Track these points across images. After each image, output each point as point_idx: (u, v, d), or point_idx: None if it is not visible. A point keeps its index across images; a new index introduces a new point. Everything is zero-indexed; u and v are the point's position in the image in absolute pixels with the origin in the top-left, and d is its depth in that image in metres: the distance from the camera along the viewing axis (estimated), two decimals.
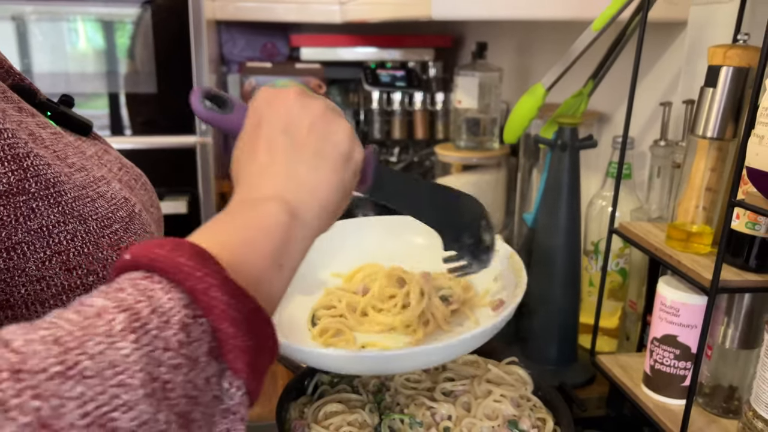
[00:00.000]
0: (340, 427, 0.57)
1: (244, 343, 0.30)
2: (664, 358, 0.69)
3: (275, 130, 0.41)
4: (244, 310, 0.30)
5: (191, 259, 0.30)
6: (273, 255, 0.35)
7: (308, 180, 0.40)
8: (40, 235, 0.37)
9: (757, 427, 0.57)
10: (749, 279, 0.61)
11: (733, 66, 0.61)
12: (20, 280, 0.36)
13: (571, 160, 0.82)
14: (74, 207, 0.39)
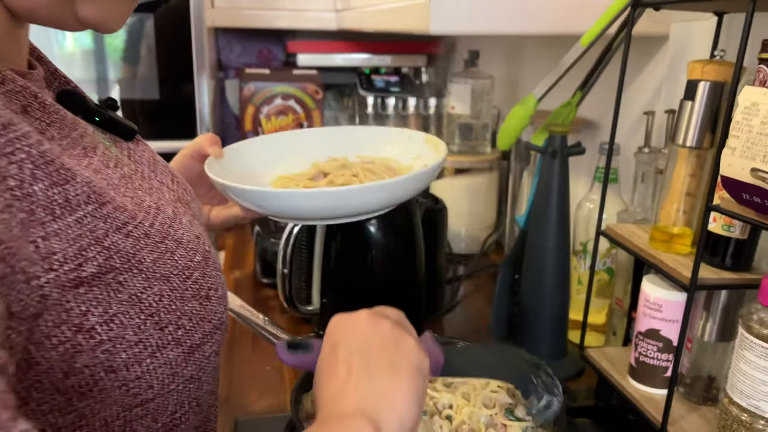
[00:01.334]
0: None
1: None
2: (648, 351, 0.74)
3: (351, 351, 0.45)
4: None
5: None
6: None
7: (386, 393, 0.43)
8: (132, 303, 0.40)
9: (732, 413, 0.62)
10: (725, 277, 0.66)
11: (710, 81, 0.67)
12: (121, 347, 0.39)
13: (561, 166, 0.87)
14: (155, 270, 0.42)
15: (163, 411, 0.44)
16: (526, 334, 0.93)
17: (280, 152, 0.79)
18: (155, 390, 0.42)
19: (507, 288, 0.98)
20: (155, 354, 0.41)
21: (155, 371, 0.42)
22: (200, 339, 0.45)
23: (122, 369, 0.40)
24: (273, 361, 0.93)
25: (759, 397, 0.59)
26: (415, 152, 0.79)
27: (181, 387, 0.44)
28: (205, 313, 0.45)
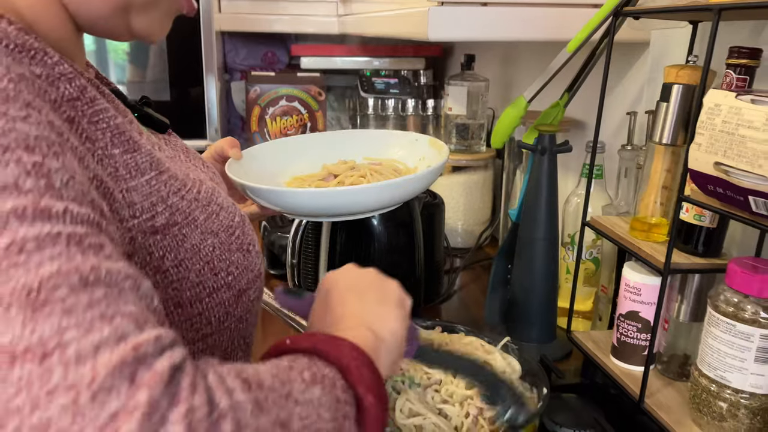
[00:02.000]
0: None
1: (378, 413, 0.41)
2: (629, 332, 0.80)
3: (342, 291, 0.53)
4: (380, 387, 0.42)
5: (346, 345, 0.41)
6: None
7: (378, 314, 0.50)
8: (194, 252, 0.49)
9: (702, 384, 0.69)
10: (696, 262, 0.73)
11: (683, 84, 0.73)
12: (186, 286, 0.48)
13: (550, 163, 0.93)
14: (207, 226, 0.51)
15: (219, 346, 0.52)
16: (518, 320, 1.00)
17: (292, 155, 0.87)
18: (213, 326, 0.50)
19: (501, 277, 1.05)
20: (212, 294, 0.50)
21: (212, 310, 0.50)
22: (246, 285, 0.53)
23: (187, 305, 0.48)
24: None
25: (724, 369, 0.66)
26: (420, 154, 0.86)
27: (233, 326, 0.53)
28: (248, 263, 0.54)
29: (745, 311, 0.64)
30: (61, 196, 0.33)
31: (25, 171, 0.33)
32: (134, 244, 0.44)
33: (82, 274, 0.31)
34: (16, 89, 0.36)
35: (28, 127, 0.34)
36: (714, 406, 0.67)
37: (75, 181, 0.35)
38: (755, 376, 0.64)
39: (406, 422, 0.64)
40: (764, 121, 0.54)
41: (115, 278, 0.32)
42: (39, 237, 0.31)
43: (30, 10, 0.45)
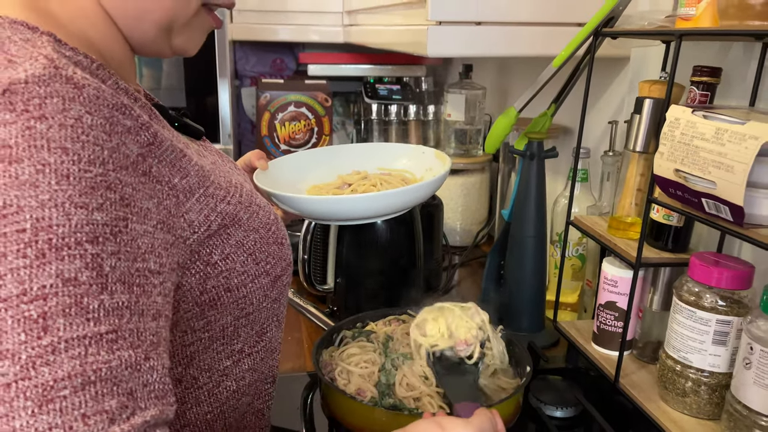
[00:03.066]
0: (358, 364, 0.77)
1: None
2: (607, 320, 0.89)
3: None
4: None
5: None
6: None
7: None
8: (238, 246, 0.58)
9: (668, 365, 0.78)
10: (665, 256, 0.82)
11: (654, 98, 0.82)
12: (233, 274, 0.57)
13: (538, 167, 1.02)
14: (249, 224, 0.59)
15: (257, 322, 0.62)
16: (510, 311, 1.08)
17: (311, 166, 0.97)
18: (254, 306, 0.60)
19: (494, 271, 1.13)
20: (254, 280, 0.59)
21: (254, 293, 0.60)
22: (280, 271, 0.63)
23: (234, 289, 0.58)
24: (294, 333, 1.09)
25: (687, 350, 0.75)
26: (427, 165, 0.96)
27: (269, 306, 0.62)
28: (282, 254, 0.63)
29: (704, 299, 0.73)
30: (106, 285, 0.43)
31: (85, 263, 0.42)
32: (192, 252, 0.54)
33: (87, 377, 0.40)
34: (104, 171, 0.44)
35: (98, 215, 0.43)
36: (678, 384, 0.76)
37: (123, 258, 0.44)
38: (713, 356, 0.73)
39: (405, 395, 0.73)
40: (713, 133, 0.63)
41: (116, 372, 0.42)
42: (70, 339, 0.40)
43: (100, 38, 0.55)
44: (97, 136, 0.45)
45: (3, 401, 0.38)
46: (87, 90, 0.45)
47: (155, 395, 0.44)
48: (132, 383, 0.42)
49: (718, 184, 0.62)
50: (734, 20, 0.67)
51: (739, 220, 0.62)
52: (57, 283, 0.41)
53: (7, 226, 0.40)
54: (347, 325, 0.88)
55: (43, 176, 0.41)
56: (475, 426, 0.59)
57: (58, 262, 0.41)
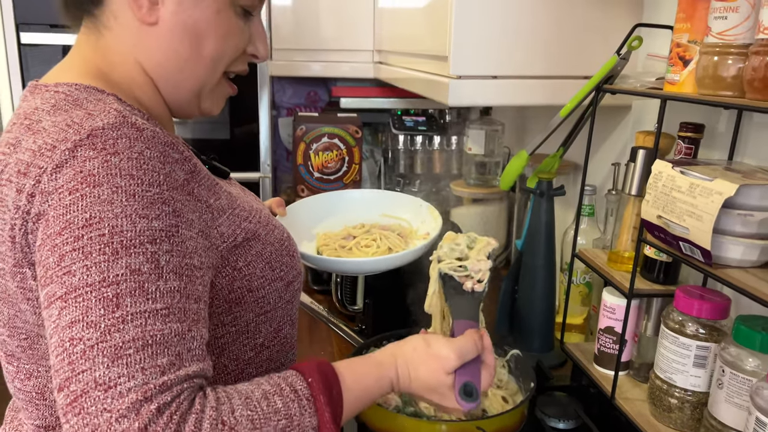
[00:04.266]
0: None
1: (321, 388, 0.62)
2: (606, 343, 1.00)
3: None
4: (322, 375, 0.63)
5: (328, 405, 0.61)
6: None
7: (416, 368, 0.72)
8: (258, 255, 0.72)
9: (656, 384, 0.88)
10: (655, 288, 0.93)
11: (646, 148, 0.94)
12: (254, 277, 0.72)
13: (548, 203, 1.14)
14: (267, 239, 0.74)
15: (274, 319, 0.76)
16: (522, 332, 1.20)
17: (324, 211, 1.13)
18: (271, 305, 0.74)
19: (508, 296, 1.25)
20: (271, 283, 0.74)
21: (271, 294, 0.74)
22: (292, 278, 0.77)
23: (255, 290, 0.72)
24: (326, 347, 1.21)
25: (672, 372, 0.85)
26: (422, 218, 1.11)
27: (283, 306, 0.76)
28: (293, 264, 0.78)
29: (687, 327, 0.83)
30: (161, 275, 0.56)
31: (146, 258, 0.56)
32: (222, 258, 0.68)
33: (146, 341, 0.54)
34: (160, 191, 0.59)
35: (156, 223, 0.58)
36: (665, 401, 0.87)
37: (176, 255, 0.58)
38: (694, 377, 0.84)
39: (427, 405, 0.85)
40: (687, 187, 0.75)
41: (168, 338, 0.55)
42: (135, 312, 0.54)
43: (147, 100, 0.71)
44: (154, 165, 0.60)
45: (88, 358, 0.52)
46: (146, 132, 0.61)
47: (196, 357, 0.58)
48: (179, 347, 0.56)
49: (691, 230, 0.74)
50: (709, 90, 0.79)
51: (708, 261, 0.73)
52: (126, 272, 0.55)
53: (93, 232, 0.55)
54: (375, 343, 1.00)
55: (116, 195, 0.56)
56: (457, 346, 0.72)
57: (127, 258, 0.55)
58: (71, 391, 0.52)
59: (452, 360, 0.72)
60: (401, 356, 0.72)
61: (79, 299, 0.54)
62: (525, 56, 1.09)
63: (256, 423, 0.56)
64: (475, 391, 0.72)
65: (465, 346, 0.73)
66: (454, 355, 0.72)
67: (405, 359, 0.72)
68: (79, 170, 0.57)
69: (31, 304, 0.64)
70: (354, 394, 0.66)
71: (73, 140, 0.58)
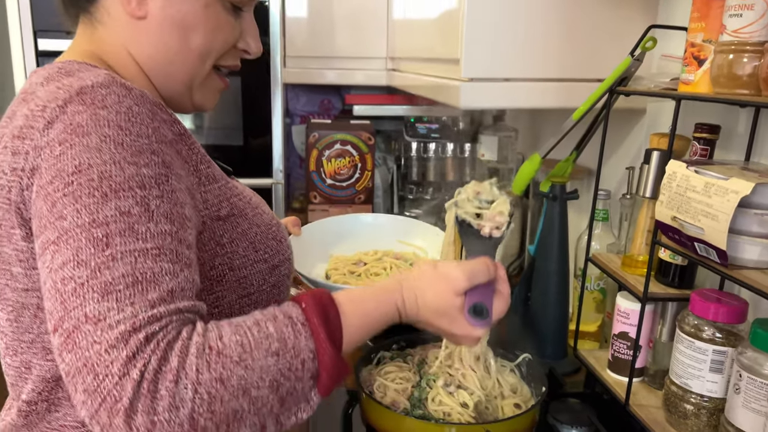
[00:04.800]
0: (394, 380, 0.88)
1: (331, 381, 0.61)
2: (620, 349, 0.98)
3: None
4: (338, 364, 0.61)
5: (327, 331, 0.60)
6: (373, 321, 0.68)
7: (423, 292, 0.69)
8: (243, 234, 0.72)
9: (672, 390, 0.86)
10: (670, 292, 0.91)
11: (661, 150, 0.92)
12: (237, 255, 0.71)
13: (561, 208, 1.13)
14: (253, 220, 0.74)
15: (259, 303, 0.75)
16: (534, 339, 1.18)
17: (339, 233, 1.13)
18: (254, 287, 0.73)
19: (521, 302, 1.23)
20: (254, 264, 0.73)
21: (254, 275, 0.73)
22: (277, 262, 0.76)
23: (236, 269, 0.71)
24: None
25: (687, 377, 0.83)
26: (437, 246, 1.08)
27: (268, 290, 0.75)
28: (279, 249, 0.77)
29: (703, 332, 0.82)
30: (152, 217, 0.57)
31: (136, 202, 0.57)
32: (204, 226, 0.69)
33: (136, 278, 0.54)
34: (149, 142, 0.61)
35: (145, 170, 0.59)
36: (680, 407, 0.85)
37: (166, 202, 0.60)
38: (710, 383, 0.82)
39: (437, 408, 0.84)
40: (702, 186, 0.73)
41: (158, 276, 0.55)
42: (124, 251, 0.55)
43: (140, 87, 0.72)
44: (143, 119, 0.61)
45: (78, 295, 0.54)
46: (135, 91, 0.63)
47: (188, 297, 0.58)
48: (171, 285, 0.56)
49: (706, 231, 0.72)
50: (724, 88, 0.77)
51: (724, 262, 0.72)
52: (115, 214, 0.56)
53: (82, 178, 0.57)
54: (385, 347, 0.99)
55: (105, 144, 0.58)
56: (467, 267, 0.69)
57: (116, 200, 0.57)
58: (64, 330, 0.53)
59: (461, 280, 0.69)
60: (407, 281, 0.70)
61: (69, 241, 0.55)
62: (537, 59, 1.08)
63: (246, 347, 0.55)
64: (486, 310, 0.69)
65: (476, 267, 0.70)
66: (463, 276, 0.69)
67: (411, 284, 0.69)
68: (68, 123, 0.59)
69: (23, 265, 0.65)
70: (355, 320, 0.64)
71: (63, 98, 0.61)
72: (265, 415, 0.56)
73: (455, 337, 0.72)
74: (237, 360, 0.54)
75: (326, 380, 0.60)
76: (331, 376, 0.60)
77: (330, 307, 0.62)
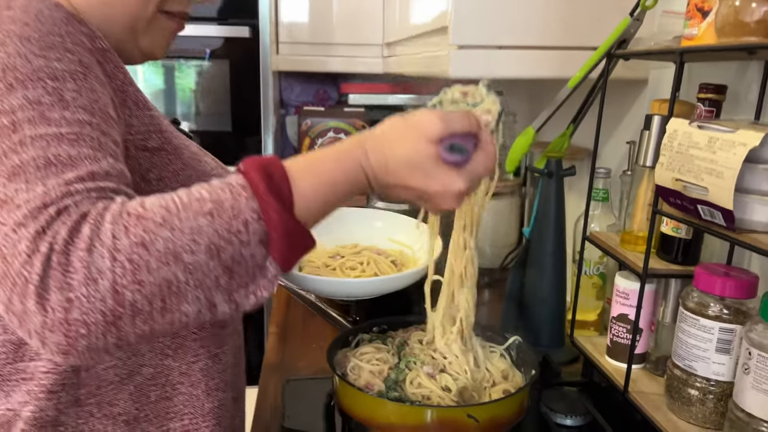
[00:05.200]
0: (370, 361, 0.81)
1: (285, 245, 0.52)
2: (619, 332, 0.91)
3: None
4: (290, 224, 0.52)
5: (268, 185, 0.51)
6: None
7: (390, 145, 0.59)
8: (174, 173, 0.67)
9: (674, 374, 0.79)
10: (672, 268, 0.83)
11: (662, 115, 0.85)
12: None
13: (557, 185, 1.06)
14: (189, 163, 0.68)
15: None
16: (530, 327, 1.10)
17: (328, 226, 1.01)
18: None
19: (516, 288, 1.16)
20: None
21: None
22: None
23: None
24: (319, 341, 1.13)
25: (692, 359, 0.76)
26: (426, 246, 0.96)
27: None
28: None
29: (708, 308, 0.74)
30: (67, 106, 0.52)
31: (46, 92, 0.52)
32: (128, 153, 0.62)
33: (48, 160, 0.49)
34: (62, 41, 0.56)
35: (57, 64, 0.54)
36: (684, 393, 0.77)
37: (85, 96, 0.54)
38: (717, 365, 0.74)
39: (414, 391, 0.77)
40: (706, 142, 0.66)
41: (76, 160, 0.50)
42: (35, 136, 0.50)
43: None
44: (54, 21, 0.57)
45: None
46: (48, 1, 0.58)
47: (116, 182, 0.52)
48: (93, 168, 0.51)
49: (710, 190, 0.65)
50: (731, 37, 0.70)
51: (731, 224, 0.64)
52: (23, 102, 0.52)
53: None
54: (365, 329, 0.92)
55: (9, 39, 0.54)
56: (442, 113, 0.60)
57: (23, 90, 0.52)
58: None
59: (435, 124, 0.59)
60: (371, 138, 0.60)
61: None
62: (533, 25, 1.02)
63: (173, 209, 0.49)
64: (465, 149, 0.59)
65: (452, 114, 0.60)
66: (437, 119, 0.59)
67: (377, 140, 0.59)
68: None
69: None
70: (309, 178, 0.55)
71: None
72: (210, 289, 0.49)
73: (432, 199, 0.61)
74: (160, 222, 0.48)
75: (279, 243, 0.52)
76: (284, 237, 0.52)
77: (273, 167, 0.53)
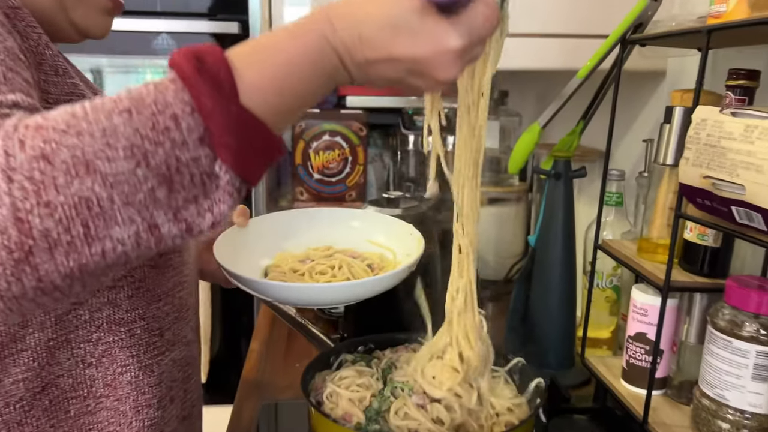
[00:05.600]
0: (349, 387, 0.70)
1: (234, 140, 0.41)
2: (636, 354, 0.80)
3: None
4: (236, 113, 0.41)
5: (198, 69, 0.40)
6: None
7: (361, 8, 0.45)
8: None
9: (702, 404, 0.68)
10: (698, 280, 0.73)
11: (684, 106, 0.75)
12: None
13: (566, 188, 0.95)
14: None
15: None
16: (535, 346, 1.00)
17: (294, 228, 0.88)
18: None
19: (520, 302, 1.05)
20: None
21: None
22: None
23: None
24: (303, 360, 1.03)
25: (723, 387, 0.65)
26: (408, 249, 0.84)
27: None
28: None
29: (742, 328, 0.63)
30: None
31: None
32: None
33: None
34: None
35: None
36: (713, 426, 0.66)
37: None
38: (753, 394, 0.63)
39: (399, 423, 0.66)
40: (742, 131, 0.56)
41: None
42: None
43: None
44: None
45: None
46: None
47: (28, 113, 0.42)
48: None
49: (748, 188, 0.54)
50: (766, 11, 0.60)
51: None
52: None
53: None
54: (347, 348, 0.82)
55: None
56: None
57: None
58: None
59: None
60: (333, 5, 0.46)
61: None
62: (538, 10, 0.92)
63: (79, 114, 0.39)
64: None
65: None
66: None
67: (343, 4, 0.46)
68: None
69: None
70: (257, 66, 0.43)
71: None
72: (146, 206, 0.39)
73: (425, 69, 0.47)
74: (63, 128, 0.38)
75: (226, 139, 0.41)
76: (229, 131, 0.41)
77: (205, 53, 0.42)
